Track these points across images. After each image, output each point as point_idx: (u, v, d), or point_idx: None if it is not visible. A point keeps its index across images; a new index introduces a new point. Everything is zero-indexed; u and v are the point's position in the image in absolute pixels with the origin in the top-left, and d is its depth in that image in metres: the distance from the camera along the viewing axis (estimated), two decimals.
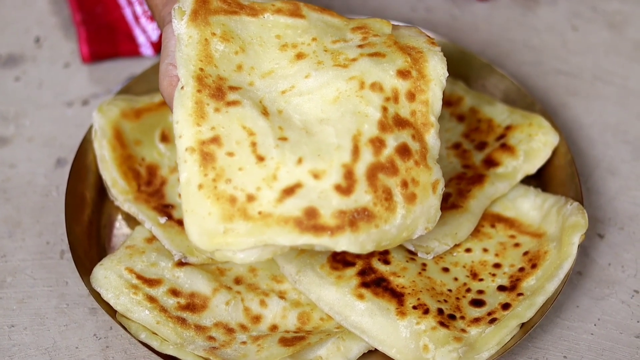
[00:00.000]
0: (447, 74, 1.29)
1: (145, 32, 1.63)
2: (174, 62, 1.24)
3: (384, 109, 1.25)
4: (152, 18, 1.62)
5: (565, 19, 1.72)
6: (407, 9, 1.72)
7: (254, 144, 1.20)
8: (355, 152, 1.22)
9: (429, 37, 1.33)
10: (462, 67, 1.55)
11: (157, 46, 1.63)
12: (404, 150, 1.25)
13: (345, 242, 1.19)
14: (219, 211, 1.17)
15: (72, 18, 1.66)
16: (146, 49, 1.63)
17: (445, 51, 1.52)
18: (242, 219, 1.17)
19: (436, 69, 1.29)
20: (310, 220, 1.18)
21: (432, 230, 1.27)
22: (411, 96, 1.27)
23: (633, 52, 1.68)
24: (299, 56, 1.28)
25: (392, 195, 1.22)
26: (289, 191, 1.19)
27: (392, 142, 1.24)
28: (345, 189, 1.20)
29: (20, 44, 1.64)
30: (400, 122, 1.26)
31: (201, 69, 1.22)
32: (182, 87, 1.21)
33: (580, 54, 1.68)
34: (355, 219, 1.20)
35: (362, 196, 1.21)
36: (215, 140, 1.19)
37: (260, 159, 1.20)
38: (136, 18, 1.64)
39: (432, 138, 1.27)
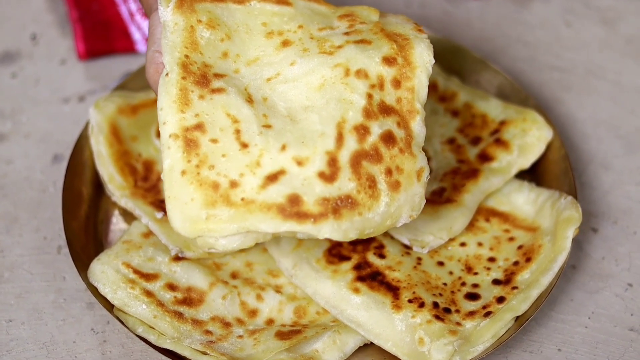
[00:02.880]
0: (434, 61, 1.28)
1: (140, 29, 1.64)
2: (160, 49, 1.24)
3: (369, 96, 1.25)
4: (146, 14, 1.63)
5: (558, 15, 1.73)
6: (402, 5, 1.72)
7: (237, 131, 1.20)
8: (339, 139, 1.22)
9: (416, 24, 1.32)
10: (457, 62, 1.56)
11: None
12: (388, 138, 1.24)
13: (328, 230, 1.18)
14: (201, 197, 1.17)
15: (68, 15, 1.66)
16: (142, 46, 1.63)
17: (439, 47, 1.54)
18: (224, 205, 1.17)
19: (422, 56, 1.27)
20: (293, 207, 1.18)
21: (416, 218, 1.26)
22: (397, 83, 1.26)
23: (626, 47, 1.69)
24: (285, 43, 1.28)
25: (376, 183, 1.22)
26: (272, 178, 1.19)
27: (376, 129, 1.23)
28: (328, 176, 1.20)
29: (17, 41, 1.65)
30: (386, 110, 1.25)
31: (186, 56, 1.22)
32: (166, 74, 1.21)
33: (574, 49, 1.68)
34: (338, 206, 1.19)
35: (346, 184, 1.20)
36: (199, 127, 1.19)
37: (244, 145, 1.20)
38: (131, 15, 1.65)
39: (417, 125, 1.26)
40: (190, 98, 1.20)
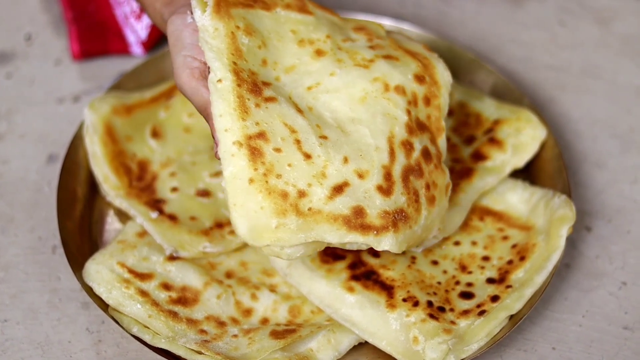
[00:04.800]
0: (452, 80, 1.33)
1: (135, 32, 1.64)
2: (193, 54, 1.21)
3: (408, 112, 1.28)
4: (140, 16, 1.62)
5: (553, 15, 1.73)
6: (396, 5, 1.73)
7: (297, 141, 1.20)
8: (392, 153, 1.25)
9: (424, 45, 1.36)
10: (451, 62, 1.55)
11: (147, 45, 1.63)
12: (426, 154, 1.28)
13: (387, 242, 1.22)
14: (271, 205, 1.17)
15: (63, 15, 1.66)
16: (136, 48, 1.63)
17: (434, 46, 1.54)
18: (294, 214, 1.18)
19: (444, 76, 1.32)
20: (357, 219, 1.20)
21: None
22: (427, 101, 1.30)
23: (621, 47, 1.69)
24: (319, 53, 1.28)
25: (419, 197, 1.26)
26: (338, 189, 1.20)
27: (418, 145, 1.27)
28: (385, 190, 1.23)
29: (12, 41, 1.65)
30: (421, 126, 1.29)
31: (234, 63, 1.21)
32: (218, 80, 1.19)
33: (569, 49, 1.69)
34: (396, 219, 1.22)
35: (399, 197, 1.23)
36: (261, 135, 1.18)
37: (307, 156, 1.20)
38: (126, 18, 1.64)
39: (442, 142, 1.31)
40: (248, 106, 1.19)
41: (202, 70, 1.21)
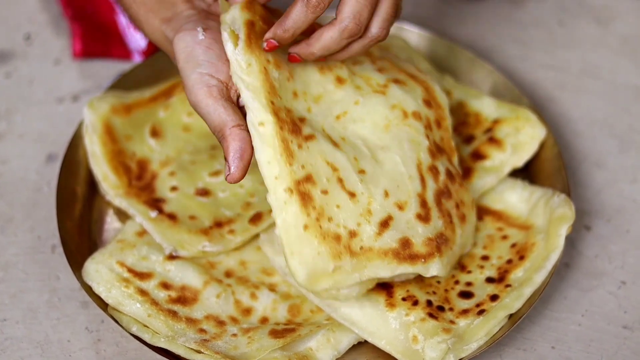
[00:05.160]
0: (448, 102, 1.36)
1: (135, 42, 1.63)
2: (210, 72, 1.20)
3: (427, 137, 1.30)
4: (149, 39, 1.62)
5: (552, 14, 1.73)
6: None
7: (340, 180, 1.22)
8: (422, 180, 1.28)
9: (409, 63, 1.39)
10: (450, 61, 1.56)
11: (146, 54, 1.62)
12: (450, 175, 1.31)
13: (436, 268, 1.26)
14: (327, 250, 1.19)
15: (62, 14, 1.66)
16: (138, 57, 1.62)
17: (433, 45, 1.54)
18: (348, 255, 1.20)
19: (443, 97, 1.35)
20: (405, 250, 1.24)
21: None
22: (438, 124, 1.33)
23: (620, 46, 1.69)
24: (339, 80, 1.29)
25: (452, 218, 1.29)
26: (385, 224, 1.23)
27: (442, 168, 1.30)
28: (424, 217, 1.26)
29: (11, 41, 1.65)
30: (439, 149, 1.32)
31: (272, 102, 1.19)
32: (260, 124, 1.18)
33: (568, 48, 1.69)
34: (439, 244, 1.26)
35: (437, 222, 1.27)
36: (308, 179, 1.19)
37: (352, 194, 1.22)
38: (129, 26, 1.64)
39: (456, 161, 1.34)
40: (292, 149, 1.19)
41: (221, 89, 1.19)
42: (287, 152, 1.18)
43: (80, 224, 1.39)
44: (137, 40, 1.62)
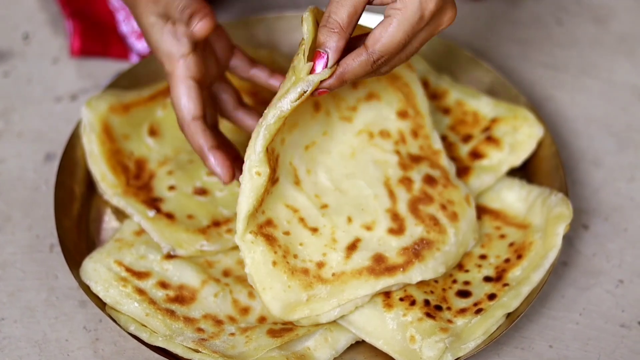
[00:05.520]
0: (430, 106, 1.38)
1: (136, 49, 1.62)
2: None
3: (397, 152, 1.34)
4: (141, 36, 1.62)
5: (550, 13, 1.73)
6: None
7: (302, 220, 1.27)
8: (392, 195, 1.31)
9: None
10: (448, 60, 1.56)
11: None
12: (429, 180, 1.33)
13: (418, 273, 1.29)
14: (297, 282, 1.24)
15: (61, 13, 1.66)
16: (136, 57, 1.62)
17: (431, 45, 1.54)
18: (320, 283, 1.25)
19: (424, 102, 1.37)
20: (380, 265, 1.27)
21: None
22: (414, 134, 1.36)
23: (617, 45, 1.69)
24: (316, 107, 1.31)
25: (438, 220, 1.31)
26: (352, 247, 1.28)
27: (416, 176, 1.33)
28: (397, 230, 1.30)
29: (9, 40, 1.65)
30: (415, 159, 1.35)
31: (267, 149, 1.21)
32: (257, 173, 1.20)
33: (565, 47, 1.69)
34: (417, 250, 1.29)
35: (414, 230, 1.30)
36: (269, 223, 1.25)
37: (314, 230, 1.27)
38: (127, 36, 1.63)
39: (445, 161, 1.36)
40: (264, 197, 1.24)
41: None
42: (260, 199, 1.23)
43: (78, 223, 1.39)
44: (137, 48, 1.62)
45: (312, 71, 1.16)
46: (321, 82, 1.17)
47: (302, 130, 1.30)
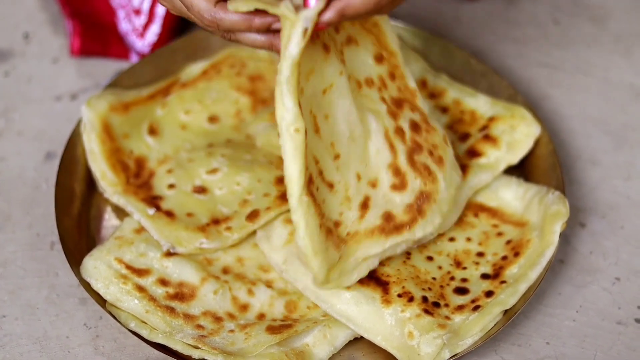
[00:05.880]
0: (399, 42, 1.32)
1: (137, 49, 1.63)
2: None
3: (383, 100, 1.30)
4: (143, 34, 1.61)
5: (547, 13, 1.74)
6: None
7: (321, 172, 1.24)
8: (392, 148, 1.29)
9: None
10: (445, 59, 1.56)
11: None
12: (414, 126, 1.31)
13: (420, 229, 1.29)
14: (331, 243, 1.23)
15: (61, 13, 1.67)
16: (136, 57, 1.63)
17: (428, 44, 1.55)
18: (343, 243, 1.24)
19: (394, 39, 1.32)
20: (390, 223, 1.27)
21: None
22: (392, 76, 1.32)
23: (614, 44, 1.70)
24: (326, 48, 1.24)
25: (429, 167, 1.30)
26: (364, 206, 1.26)
27: (405, 124, 1.30)
28: (399, 185, 1.29)
29: (9, 40, 1.65)
30: (398, 103, 1.31)
31: (299, 102, 1.16)
32: (296, 130, 1.15)
33: (562, 46, 1.69)
34: (419, 205, 1.29)
35: (414, 183, 1.29)
36: (310, 180, 1.21)
37: (330, 186, 1.25)
38: (127, 34, 1.64)
39: (421, 102, 1.33)
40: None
41: None
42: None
43: (78, 221, 1.39)
44: (137, 47, 1.62)
45: (305, 4, 1.12)
46: (319, 16, 1.12)
47: (318, 74, 1.23)
